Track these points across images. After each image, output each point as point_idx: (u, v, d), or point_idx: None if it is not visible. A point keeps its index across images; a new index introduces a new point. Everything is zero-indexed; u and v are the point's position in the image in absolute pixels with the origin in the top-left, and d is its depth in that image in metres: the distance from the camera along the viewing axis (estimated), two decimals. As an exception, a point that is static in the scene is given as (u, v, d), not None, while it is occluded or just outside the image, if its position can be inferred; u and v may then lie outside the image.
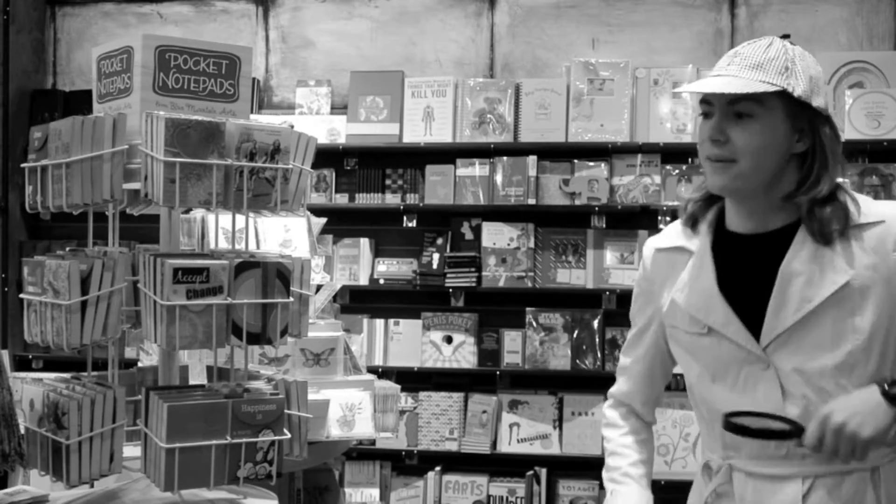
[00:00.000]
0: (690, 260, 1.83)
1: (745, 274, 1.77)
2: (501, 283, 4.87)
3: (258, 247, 2.56)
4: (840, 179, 1.76)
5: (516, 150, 4.85)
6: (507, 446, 4.86)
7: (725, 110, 1.72)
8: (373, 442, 4.49)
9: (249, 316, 1.56)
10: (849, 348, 1.68)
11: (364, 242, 5.05)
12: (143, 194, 1.52)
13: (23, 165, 1.68)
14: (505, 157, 4.85)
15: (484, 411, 4.89)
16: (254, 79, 5.09)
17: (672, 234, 1.91)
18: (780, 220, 1.76)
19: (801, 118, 1.71)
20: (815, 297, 1.68)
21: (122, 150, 1.53)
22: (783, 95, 1.69)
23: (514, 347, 4.90)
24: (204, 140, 1.51)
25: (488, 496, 4.84)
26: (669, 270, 1.86)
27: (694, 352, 1.83)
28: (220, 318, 1.53)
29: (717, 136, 1.71)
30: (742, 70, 1.70)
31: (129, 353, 3.64)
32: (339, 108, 5.16)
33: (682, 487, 1.99)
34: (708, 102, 1.74)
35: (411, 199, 4.99)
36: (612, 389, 2.06)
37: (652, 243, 1.93)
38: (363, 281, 5.01)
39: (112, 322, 1.54)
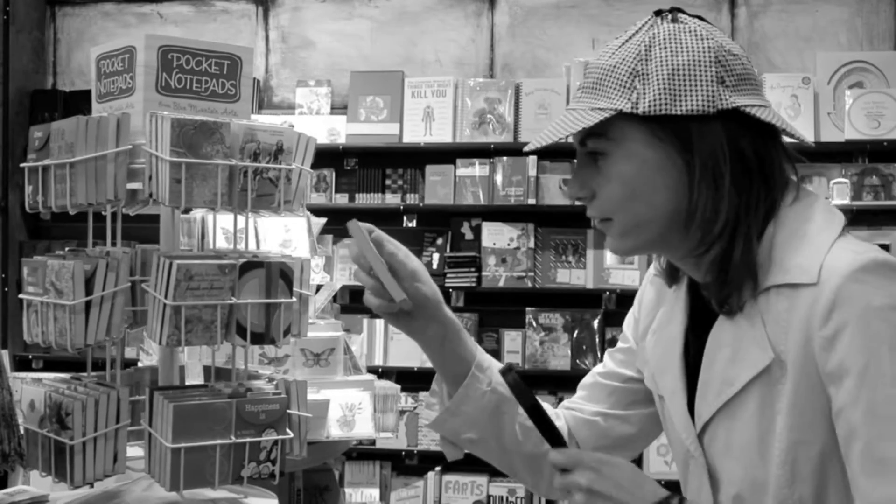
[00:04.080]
0: (664, 305, 1.39)
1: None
2: (501, 283, 4.87)
3: (258, 247, 2.56)
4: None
5: (516, 150, 4.84)
6: (506, 446, 4.86)
7: (581, 153, 1.28)
8: (373, 442, 4.49)
9: (253, 316, 1.56)
10: (777, 461, 1.18)
11: (364, 242, 5.04)
12: (147, 194, 1.52)
13: (22, 165, 1.68)
14: (505, 157, 4.86)
15: (484, 411, 4.88)
16: (254, 79, 5.09)
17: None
18: None
19: (674, 134, 1.20)
20: (737, 380, 1.21)
21: (126, 150, 1.53)
22: (631, 116, 1.20)
23: (514, 347, 4.90)
24: (209, 140, 1.51)
25: (488, 496, 4.84)
26: (658, 302, 1.42)
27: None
28: (225, 317, 1.53)
29: (577, 192, 1.27)
30: (584, 95, 1.25)
31: (129, 353, 3.63)
32: (339, 108, 5.16)
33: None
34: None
35: (411, 199, 4.99)
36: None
37: (653, 267, 1.44)
38: (363, 281, 5.01)
39: (116, 322, 1.54)
